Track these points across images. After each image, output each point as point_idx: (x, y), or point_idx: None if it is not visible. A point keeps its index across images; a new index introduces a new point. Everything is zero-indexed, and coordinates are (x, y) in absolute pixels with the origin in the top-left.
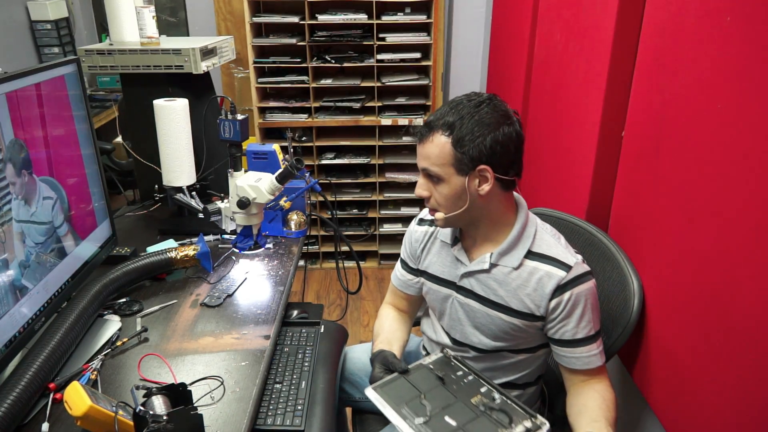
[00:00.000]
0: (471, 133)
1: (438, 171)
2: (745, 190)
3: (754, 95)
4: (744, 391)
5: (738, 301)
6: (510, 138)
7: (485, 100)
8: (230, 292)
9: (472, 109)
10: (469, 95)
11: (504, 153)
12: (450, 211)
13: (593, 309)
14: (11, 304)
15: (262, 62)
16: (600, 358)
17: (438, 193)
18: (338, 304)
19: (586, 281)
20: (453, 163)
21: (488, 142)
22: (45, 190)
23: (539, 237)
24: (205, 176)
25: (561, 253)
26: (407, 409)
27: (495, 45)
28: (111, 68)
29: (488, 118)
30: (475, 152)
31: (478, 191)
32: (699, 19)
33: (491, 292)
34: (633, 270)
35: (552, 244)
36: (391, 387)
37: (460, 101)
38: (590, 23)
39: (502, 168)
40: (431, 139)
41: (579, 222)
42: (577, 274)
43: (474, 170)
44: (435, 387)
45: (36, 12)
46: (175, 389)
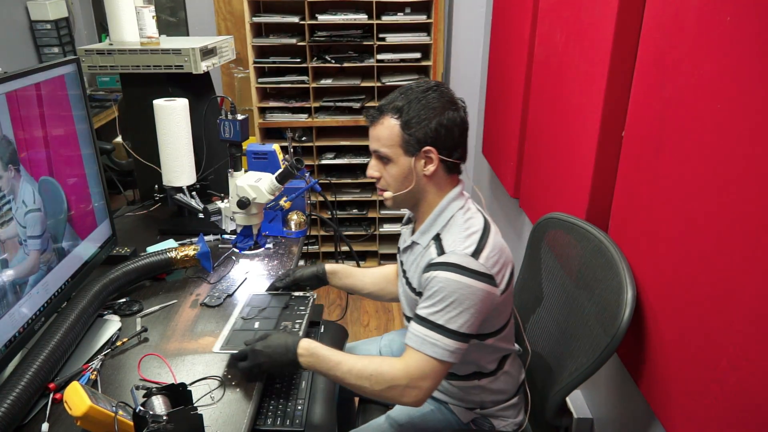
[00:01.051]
0: (418, 116)
1: (387, 152)
2: (745, 189)
3: (754, 95)
4: (744, 392)
5: (738, 300)
6: (454, 122)
7: (433, 86)
8: (230, 292)
9: (420, 94)
10: (419, 81)
11: (448, 136)
12: (397, 191)
13: (448, 301)
14: (11, 304)
15: (262, 62)
16: (425, 344)
17: (387, 174)
18: (338, 304)
19: (453, 272)
20: (401, 144)
21: (434, 125)
22: (30, 198)
23: (450, 223)
24: (205, 176)
25: (452, 242)
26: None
27: (495, 45)
28: (111, 68)
29: (434, 102)
30: (421, 134)
31: (423, 171)
32: (699, 19)
33: (409, 269)
34: (631, 279)
35: (454, 232)
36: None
37: (409, 87)
38: (590, 23)
39: (446, 150)
40: (382, 121)
41: (589, 227)
42: (446, 260)
43: (420, 151)
44: (273, 309)
45: (36, 12)
46: (175, 389)
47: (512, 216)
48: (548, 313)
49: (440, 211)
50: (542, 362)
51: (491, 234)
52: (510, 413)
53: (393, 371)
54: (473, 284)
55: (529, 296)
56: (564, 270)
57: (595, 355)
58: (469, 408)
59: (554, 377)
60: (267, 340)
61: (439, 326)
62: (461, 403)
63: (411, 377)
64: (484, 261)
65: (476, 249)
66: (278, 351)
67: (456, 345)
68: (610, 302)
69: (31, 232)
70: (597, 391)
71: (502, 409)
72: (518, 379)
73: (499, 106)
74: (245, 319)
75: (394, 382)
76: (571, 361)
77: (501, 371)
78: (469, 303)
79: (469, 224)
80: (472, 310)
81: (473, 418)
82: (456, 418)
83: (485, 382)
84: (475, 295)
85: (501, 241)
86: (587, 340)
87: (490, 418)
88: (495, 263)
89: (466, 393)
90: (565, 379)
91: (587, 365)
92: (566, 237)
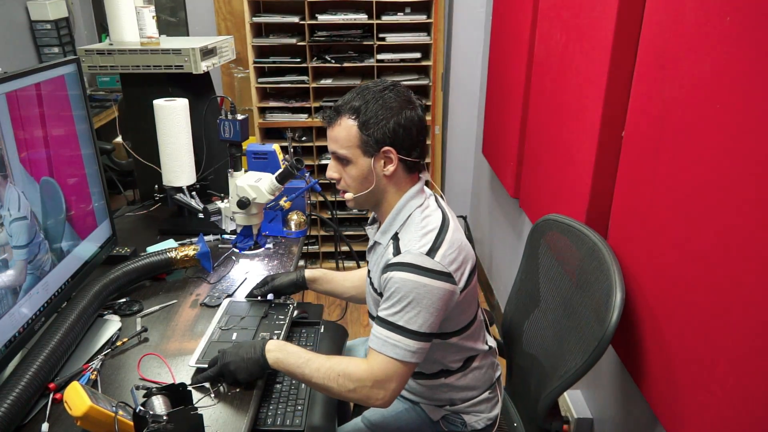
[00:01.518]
0: (375, 116)
1: (346, 153)
2: (744, 188)
3: (754, 95)
4: (743, 392)
5: (738, 300)
6: (412, 121)
7: (389, 86)
8: (230, 292)
9: (377, 93)
10: (375, 81)
11: (406, 135)
12: (358, 192)
13: (407, 302)
14: (11, 304)
15: (262, 62)
16: (386, 345)
17: (347, 175)
18: (338, 304)
19: (409, 272)
20: (359, 145)
21: (392, 125)
22: (15, 206)
23: (408, 222)
24: (205, 176)
25: (408, 241)
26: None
27: (495, 45)
28: (111, 68)
29: (392, 102)
30: (380, 134)
31: (383, 171)
32: (699, 19)
33: (372, 269)
34: (621, 282)
35: (410, 231)
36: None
37: (365, 87)
38: (590, 23)
39: (405, 149)
40: (339, 122)
41: (585, 230)
42: (402, 260)
43: (379, 152)
44: (252, 318)
45: (36, 12)
46: (175, 389)
47: (512, 216)
48: (543, 315)
49: (398, 210)
50: (536, 364)
51: (449, 231)
52: (482, 408)
53: (359, 372)
54: (429, 283)
55: (526, 297)
56: (560, 272)
57: (584, 358)
58: (439, 406)
59: (546, 380)
60: (235, 345)
61: (399, 327)
62: (430, 401)
63: (376, 379)
64: (440, 259)
65: (431, 247)
66: (245, 349)
67: (417, 345)
68: (600, 305)
69: (16, 242)
70: (597, 391)
71: (472, 405)
72: (490, 375)
73: (499, 106)
74: (223, 329)
75: (360, 383)
76: (563, 364)
77: (469, 369)
78: (426, 302)
79: (425, 222)
80: (431, 309)
81: (443, 415)
82: (427, 417)
83: (452, 379)
84: (432, 293)
85: (461, 238)
86: (578, 342)
87: (461, 414)
88: (452, 261)
89: (434, 391)
90: (555, 381)
91: (575, 369)
92: (563, 239)
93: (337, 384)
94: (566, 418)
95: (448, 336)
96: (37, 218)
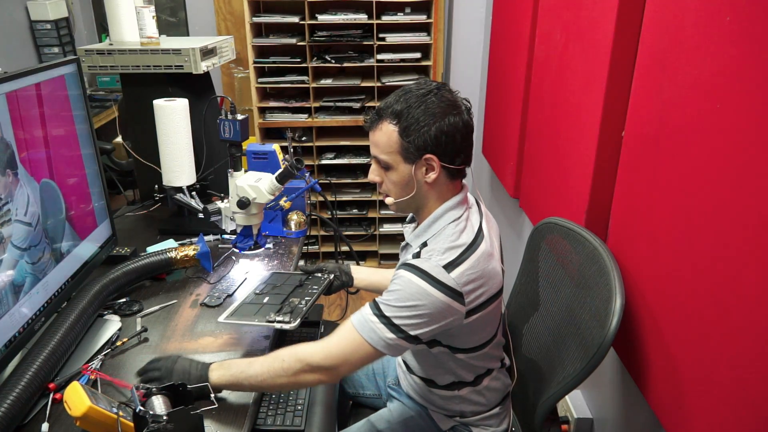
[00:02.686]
0: (417, 122)
1: (387, 159)
2: (744, 188)
3: (754, 95)
4: (743, 392)
5: (738, 301)
6: (456, 127)
7: (433, 89)
8: (230, 292)
9: (420, 97)
10: (419, 83)
11: (450, 142)
12: (399, 197)
13: (404, 300)
14: (11, 304)
15: (262, 62)
16: (364, 324)
17: (388, 180)
18: (338, 304)
19: (419, 277)
20: (400, 152)
21: (433, 132)
22: (23, 209)
23: (439, 233)
24: (205, 176)
25: (432, 250)
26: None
27: (495, 45)
28: (111, 68)
29: (434, 107)
30: (421, 141)
31: (425, 179)
32: (699, 19)
33: None
34: (621, 288)
35: (439, 242)
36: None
37: (409, 89)
38: (590, 23)
39: (447, 157)
40: (380, 127)
41: (585, 234)
42: (416, 263)
43: (420, 159)
44: (287, 286)
45: (36, 12)
46: (175, 389)
47: (512, 216)
48: (542, 320)
49: (435, 218)
50: (534, 369)
51: (476, 252)
52: (492, 422)
53: (307, 349)
54: (433, 293)
55: (525, 300)
56: (560, 276)
57: (583, 364)
58: (449, 416)
59: (544, 385)
60: (178, 360)
61: (385, 317)
62: (441, 410)
63: (328, 354)
64: (457, 276)
65: (451, 262)
66: (188, 369)
67: (395, 340)
68: (600, 311)
69: (15, 242)
70: (597, 391)
71: (482, 419)
72: (502, 391)
73: (499, 106)
74: (257, 294)
75: (307, 360)
76: (561, 369)
77: (480, 385)
78: (423, 310)
79: (455, 238)
80: (425, 318)
81: (452, 425)
82: (435, 425)
83: (465, 392)
84: (433, 304)
85: (490, 265)
86: (577, 348)
87: (470, 426)
88: (469, 282)
89: (446, 401)
90: (553, 387)
91: (574, 374)
92: (563, 242)
93: (283, 369)
94: (566, 419)
95: (456, 351)
96: (38, 219)
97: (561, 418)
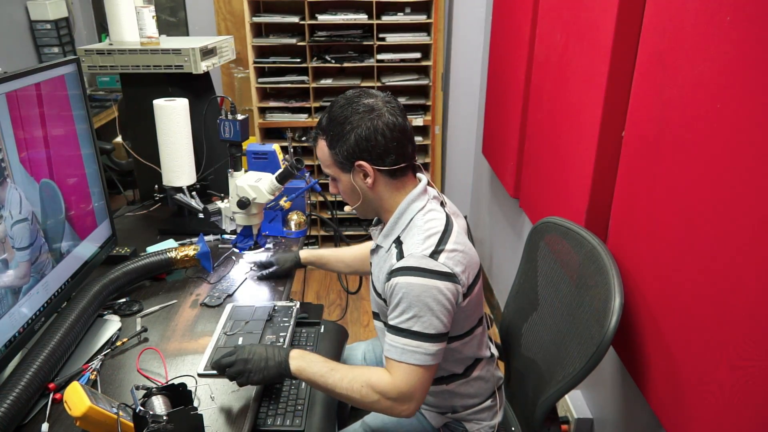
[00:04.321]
0: (338, 133)
1: (329, 172)
2: (744, 188)
3: (754, 95)
4: (743, 392)
5: (737, 301)
6: (375, 130)
7: (354, 97)
8: (230, 292)
9: (339, 108)
10: (345, 94)
11: (373, 146)
12: (353, 204)
13: (417, 306)
14: (11, 304)
15: (262, 62)
16: (405, 353)
17: (341, 191)
18: (338, 304)
19: (413, 275)
20: (335, 164)
21: (353, 139)
22: (16, 208)
23: (410, 226)
24: (205, 176)
25: (411, 244)
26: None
27: (495, 45)
28: (111, 68)
29: (351, 115)
30: (345, 150)
31: (365, 184)
32: (699, 19)
33: (375, 272)
34: (620, 287)
35: (413, 235)
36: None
37: (333, 103)
38: (590, 23)
39: (377, 159)
40: (318, 143)
41: (584, 233)
42: (405, 264)
43: (353, 166)
44: (257, 322)
45: (36, 12)
46: (175, 389)
47: (512, 216)
48: (541, 319)
49: (400, 214)
50: (534, 368)
51: (452, 234)
52: (484, 416)
53: (382, 384)
54: (435, 284)
55: (524, 300)
56: (559, 275)
57: (582, 363)
58: (441, 413)
59: (544, 384)
60: (256, 345)
61: (415, 333)
62: (432, 408)
63: (399, 390)
64: (444, 261)
65: (435, 250)
66: (270, 350)
67: (436, 347)
68: (599, 310)
69: (18, 244)
70: (597, 391)
71: (474, 413)
72: (493, 382)
73: (499, 106)
74: (228, 334)
75: (383, 395)
76: (560, 368)
77: (470, 376)
78: (435, 304)
79: (428, 226)
80: (441, 311)
81: (445, 422)
82: (429, 424)
83: (454, 386)
84: (441, 294)
85: (464, 243)
86: (576, 347)
87: (463, 422)
88: (457, 263)
89: (436, 397)
90: (552, 386)
91: (573, 373)
92: (562, 242)
93: (360, 395)
94: (566, 419)
95: (450, 340)
96: (38, 218)
97: (561, 418)
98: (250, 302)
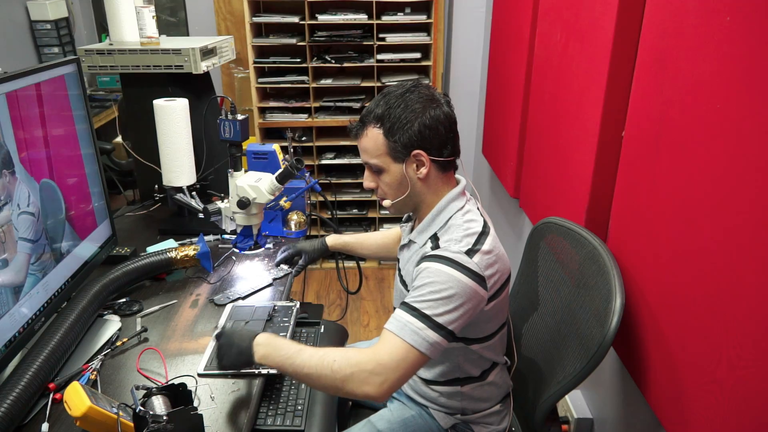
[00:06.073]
0: (399, 120)
1: (377, 162)
2: (744, 189)
3: (754, 95)
4: (743, 392)
5: (737, 301)
6: (438, 120)
7: (411, 87)
8: (243, 294)
9: (398, 97)
10: (397, 84)
11: (434, 135)
12: (395, 198)
13: (438, 294)
14: (11, 304)
15: (262, 62)
16: (405, 329)
17: (382, 183)
18: (338, 304)
19: (445, 264)
20: (388, 153)
21: (417, 127)
22: (24, 201)
23: (449, 224)
24: (205, 176)
25: (447, 240)
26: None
27: (495, 45)
28: (111, 68)
29: (414, 104)
30: (406, 138)
31: (417, 175)
32: (699, 19)
33: (404, 266)
34: (621, 287)
35: (452, 232)
36: None
37: (387, 92)
38: (590, 23)
39: (435, 150)
40: (365, 133)
41: (584, 233)
42: (440, 254)
43: (409, 156)
44: (257, 322)
45: (36, 12)
46: (175, 389)
47: (512, 216)
48: (541, 319)
49: (438, 211)
50: (534, 368)
51: (489, 238)
52: (493, 420)
53: (359, 356)
54: (463, 279)
55: (524, 300)
56: (560, 276)
57: (583, 364)
58: (450, 413)
59: (544, 385)
60: (232, 330)
61: (425, 316)
62: (442, 408)
63: (379, 362)
64: (478, 261)
65: (471, 249)
66: (238, 335)
67: (437, 339)
68: (599, 310)
69: (23, 234)
70: (597, 391)
71: (483, 416)
72: (504, 388)
73: (499, 106)
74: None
75: (359, 367)
76: (561, 369)
77: (485, 381)
78: (458, 299)
79: (467, 226)
80: (461, 308)
81: (454, 423)
82: (436, 424)
83: (467, 388)
84: (465, 291)
85: (499, 248)
86: (577, 347)
87: (471, 424)
88: (488, 266)
89: (447, 398)
90: (553, 387)
91: (574, 374)
92: (562, 242)
93: (332, 370)
94: (566, 419)
95: (470, 342)
96: (39, 212)
97: (561, 418)
98: (250, 302)
